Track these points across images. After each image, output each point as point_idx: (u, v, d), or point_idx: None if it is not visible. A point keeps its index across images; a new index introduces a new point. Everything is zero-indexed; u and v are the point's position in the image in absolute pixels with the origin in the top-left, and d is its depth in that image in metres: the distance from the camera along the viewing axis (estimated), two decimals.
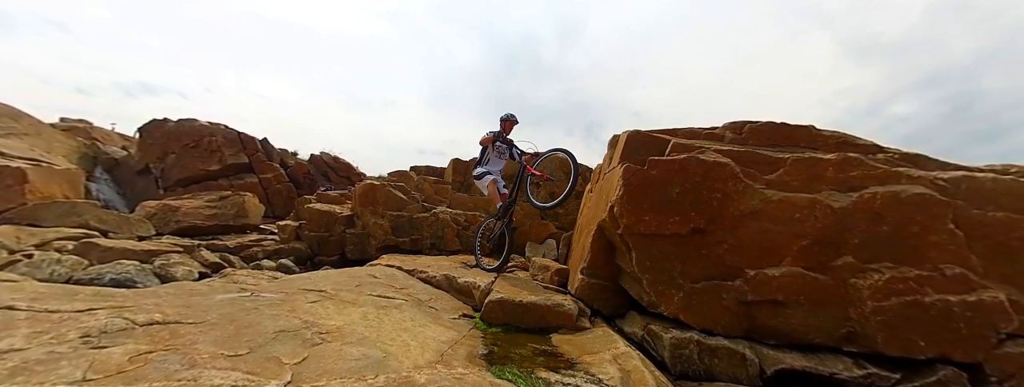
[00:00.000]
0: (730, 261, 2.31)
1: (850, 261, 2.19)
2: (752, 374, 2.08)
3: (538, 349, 2.22)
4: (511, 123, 4.36)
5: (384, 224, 5.51)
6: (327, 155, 13.27)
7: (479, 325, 2.61)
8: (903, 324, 2.02)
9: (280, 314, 2.20)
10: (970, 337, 1.89)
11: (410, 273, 3.67)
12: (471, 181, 6.37)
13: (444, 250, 5.23)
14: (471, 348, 2.20)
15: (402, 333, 2.21)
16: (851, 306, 2.13)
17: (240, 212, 7.48)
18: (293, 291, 2.70)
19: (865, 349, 2.08)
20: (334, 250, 5.77)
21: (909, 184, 2.23)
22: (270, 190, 11.12)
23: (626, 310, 2.66)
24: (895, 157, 2.42)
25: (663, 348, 2.23)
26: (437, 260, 4.33)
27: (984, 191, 2.11)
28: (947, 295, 2.00)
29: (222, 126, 11.45)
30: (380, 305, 2.65)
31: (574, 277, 2.95)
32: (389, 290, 3.05)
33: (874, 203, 2.21)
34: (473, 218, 5.44)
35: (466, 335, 2.40)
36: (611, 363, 2.02)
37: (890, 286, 2.09)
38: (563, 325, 2.45)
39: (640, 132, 2.75)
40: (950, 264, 2.04)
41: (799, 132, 2.65)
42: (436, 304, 2.92)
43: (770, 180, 2.40)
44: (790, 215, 2.30)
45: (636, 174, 2.47)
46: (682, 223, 2.36)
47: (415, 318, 2.51)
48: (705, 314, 2.26)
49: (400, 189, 5.92)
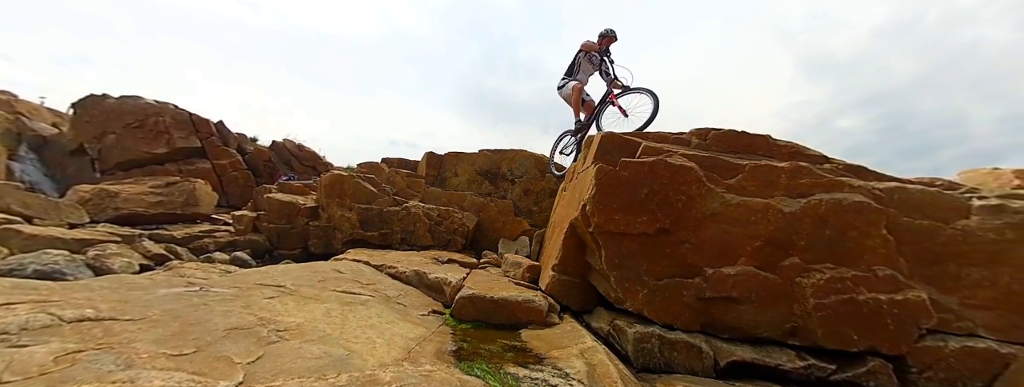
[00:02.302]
0: (691, 260, 2.40)
1: (796, 261, 2.33)
2: (707, 366, 2.18)
3: (508, 345, 2.21)
4: (609, 39, 4.02)
5: (351, 217, 5.28)
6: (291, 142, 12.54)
7: (449, 321, 2.56)
8: (840, 320, 2.18)
9: (233, 310, 2.05)
10: (896, 332, 2.08)
11: (378, 268, 3.54)
12: (444, 174, 6.25)
13: (415, 245, 5.09)
14: (440, 345, 2.15)
15: (368, 330, 2.12)
16: (796, 303, 2.28)
17: (190, 200, 6.91)
18: (248, 286, 2.52)
19: (806, 342, 2.23)
20: (296, 243, 5.47)
21: (850, 193, 2.41)
22: (225, 177, 10.36)
23: (594, 306, 2.71)
24: (839, 167, 2.61)
25: (627, 342, 2.28)
26: (408, 255, 4.21)
27: (913, 201, 2.32)
28: (878, 294, 2.18)
29: (171, 105, 10.50)
30: (345, 301, 2.53)
31: (545, 274, 2.96)
32: (355, 286, 2.92)
33: (819, 209, 2.36)
34: (446, 213, 5.33)
35: (435, 332, 2.34)
36: (578, 357, 2.04)
37: (830, 285, 2.24)
38: (533, 321, 2.46)
39: (613, 134, 2.80)
40: (882, 266, 2.22)
41: (757, 141, 2.79)
42: (405, 300, 2.83)
43: (730, 185, 2.51)
44: (746, 218, 2.41)
45: (608, 175, 2.50)
46: (649, 223, 2.43)
47: (382, 315, 2.42)
48: (667, 310, 2.34)
49: (370, 181, 5.70)
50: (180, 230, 5.86)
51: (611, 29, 4.04)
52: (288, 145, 12.46)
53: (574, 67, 4.10)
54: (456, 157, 6.25)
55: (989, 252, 2.13)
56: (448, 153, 6.40)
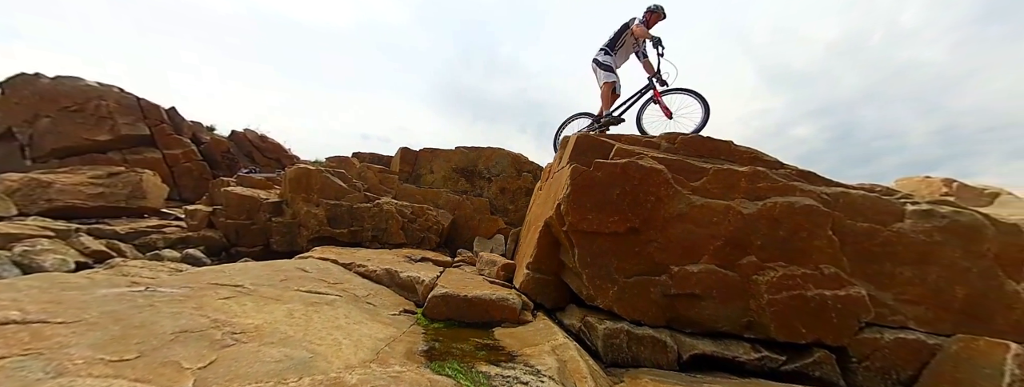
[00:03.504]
0: (658, 258, 2.47)
1: (753, 260, 2.45)
2: (671, 360, 2.25)
3: (480, 343, 2.18)
4: (657, 16, 3.53)
5: (319, 213, 5.04)
6: (253, 133, 11.79)
7: (421, 321, 2.49)
8: (790, 314, 2.32)
9: (183, 312, 1.89)
10: (839, 325, 2.23)
11: (347, 267, 3.39)
12: (419, 171, 6.10)
13: (387, 243, 4.93)
14: (411, 344, 2.09)
15: (334, 331, 2.02)
16: (751, 298, 2.39)
17: (136, 192, 6.35)
18: (201, 286, 2.34)
19: (760, 335, 2.35)
20: (256, 240, 5.15)
21: (801, 196, 2.56)
22: (177, 168, 9.60)
23: (567, 303, 2.72)
24: (792, 173, 2.77)
25: (597, 338, 2.31)
26: (379, 253, 4.07)
27: (855, 205, 2.50)
28: (824, 290, 2.33)
29: (115, 88, 9.57)
30: (309, 302, 2.41)
31: (520, 272, 2.95)
32: (321, 285, 2.79)
33: (774, 211, 2.49)
34: (420, 210, 5.20)
35: (406, 331, 2.27)
36: (550, 354, 2.04)
37: (782, 282, 2.37)
38: (507, 319, 2.44)
39: (588, 135, 2.83)
40: (828, 264, 2.38)
41: (721, 146, 2.91)
42: (375, 300, 2.73)
43: (695, 187, 2.61)
44: (709, 219, 2.51)
45: (583, 175, 2.53)
46: (621, 222, 2.47)
47: (350, 315, 2.32)
48: (635, 306, 2.39)
49: (339, 176, 5.46)
50: (124, 225, 5.36)
51: (660, 4, 3.50)
52: (249, 136, 11.71)
53: (617, 41, 3.60)
54: (431, 153, 6.12)
55: (919, 252, 2.33)
56: (423, 149, 6.26)
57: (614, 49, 3.65)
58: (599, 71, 3.68)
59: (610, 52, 3.65)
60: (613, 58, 3.65)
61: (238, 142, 11.50)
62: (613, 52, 3.63)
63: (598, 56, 3.75)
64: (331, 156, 6.74)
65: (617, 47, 3.65)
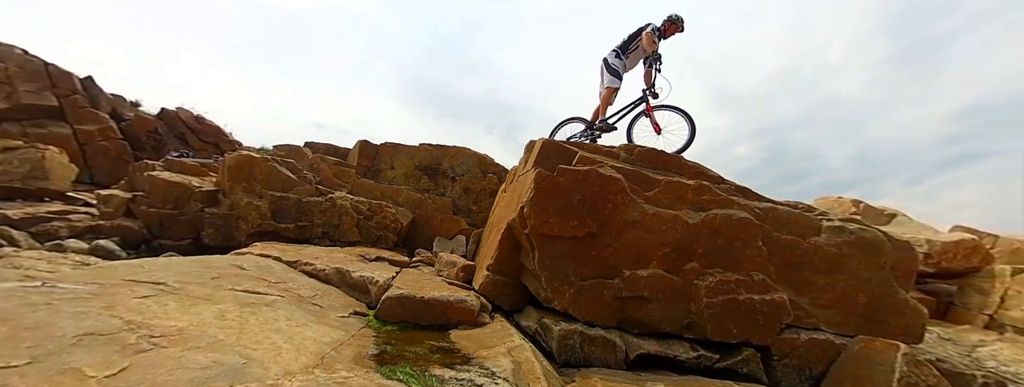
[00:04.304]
0: (612, 262, 2.55)
1: (695, 266, 2.61)
2: (619, 359, 2.33)
3: (435, 346, 2.10)
4: (675, 27, 3.39)
5: (262, 205, 4.60)
6: (187, 112, 10.56)
7: (372, 323, 2.35)
8: (724, 316, 2.49)
9: (89, 312, 1.63)
10: (764, 327, 2.44)
11: (291, 265, 3.12)
12: (379, 166, 5.81)
13: (339, 241, 4.60)
14: (360, 348, 1.96)
15: (273, 334, 1.85)
16: (692, 301, 2.54)
17: (36, 171, 5.41)
18: (114, 282, 2.04)
19: (698, 336, 2.50)
20: (185, 233, 4.59)
21: (738, 209, 2.77)
22: (91, 147, 8.35)
23: (524, 305, 2.72)
24: (732, 188, 3.00)
25: (552, 339, 2.33)
26: (329, 251, 3.79)
27: (782, 219, 2.76)
28: (753, 295, 2.54)
29: (18, 49, 8.14)
30: (246, 302, 2.18)
31: (480, 273, 2.90)
32: (260, 284, 2.54)
33: (715, 222, 2.68)
34: (378, 207, 4.93)
35: (356, 335, 2.13)
36: (505, 356, 2.02)
37: (719, 287, 2.55)
38: (464, 321, 2.38)
39: (554, 141, 2.86)
40: (757, 271, 2.60)
41: (672, 159, 3.09)
42: (322, 301, 2.53)
43: (648, 196, 2.73)
44: (659, 226, 2.64)
45: (546, 179, 2.54)
46: (580, 227, 2.52)
47: (292, 317, 2.14)
48: (589, 308, 2.44)
49: (288, 166, 5.04)
50: (17, 209, 4.54)
51: (681, 16, 3.37)
52: (183, 116, 10.48)
53: (630, 44, 3.47)
54: (393, 149, 5.86)
55: (831, 263, 2.63)
56: (385, 144, 5.97)
57: (626, 52, 3.57)
58: (605, 73, 3.58)
59: (621, 55, 3.56)
60: (623, 61, 3.56)
61: (169, 122, 10.24)
62: (624, 55, 3.55)
63: (609, 57, 3.62)
64: (280, 144, 6.22)
65: (629, 50, 3.57)
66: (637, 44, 3.56)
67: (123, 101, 9.92)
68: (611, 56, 3.63)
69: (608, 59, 3.64)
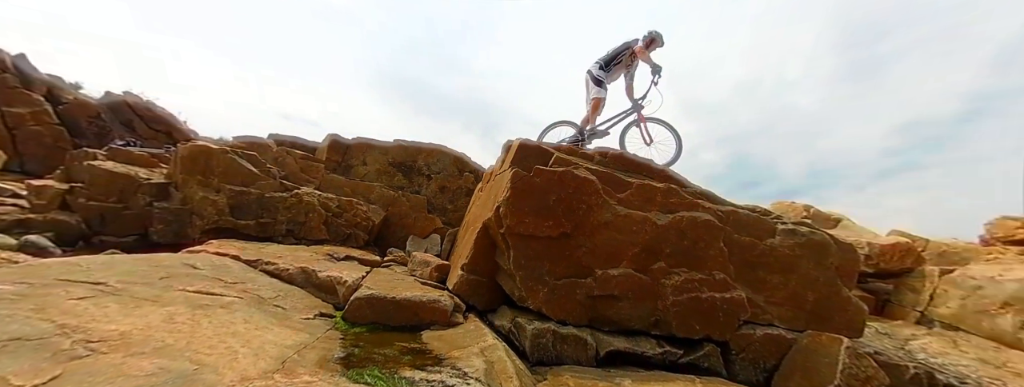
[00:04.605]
0: (585, 262, 2.59)
1: (662, 266, 2.70)
2: (590, 356, 2.37)
3: (406, 348, 2.04)
4: (656, 43, 3.58)
5: (219, 200, 4.29)
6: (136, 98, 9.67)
7: (339, 325, 2.25)
8: (688, 313, 2.60)
9: (15, 315, 1.46)
10: (724, 323, 2.57)
11: (251, 264, 2.93)
12: (350, 162, 5.57)
13: (305, 239, 4.36)
14: (325, 352, 1.87)
15: (229, 338, 1.73)
16: (659, 300, 2.63)
17: None
18: (46, 282, 1.84)
19: (664, 332, 2.59)
20: (129, 229, 4.20)
21: (703, 212, 2.89)
22: (21, 132, 7.48)
23: (499, 305, 2.70)
24: (697, 192, 3.12)
25: (525, 338, 2.33)
26: (293, 250, 3.59)
27: (741, 222, 2.91)
28: (714, 293, 2.66)
29: None
30: (199, 304, 2.03)
31: (454, 273, 2.84)
32: (216, 285, 2.37)
33: (681, 223, 2.78)
34: (348, 204, 4.72)
35: (321, 337, 2.03)
36: (478, 356, 2.00)
37: (684, 285, 2.65)
38: (437, 321, 2.32)
39: (531, 142, 2.86)
40: (719, 271, 2.72)
41: (643, 163, 3.18)
42: (285, 302, 2.40)
43: (621, 198, 2.79)
44: (630, 227, 2.70)
45: (523, 180, 2.54)
46: (554, 227, 2.53)
47: (251, 319, 2.01)
48: (562, 307, 2.47)
49: (251, 159, 4.72)
50: None
51: (660, 33, 3.57)
52: (131, 101, 9.59)
53: (614, 59, 3.64)
54: (366, 145, 5.63)
55: (784, 263, 2.80)
56: (357, 139, 5.72)
57: (609, 65, 3.73)
58: (591, 84, 3.72)
59: (605, 68, 3.72)
60: (606, 74, 3.73)
61: (114, 108, 9.34)
62: (607, 68, 3.72)
63: (593, 69, 3.79)
64: (241, 135, 5.81)
65: (612, 64, 3.74)
66: (621, 59, 3.74)
67: (61, 82, 8.92)
68: (595, 68, 3.79)
69: (592, 71, 3.80)
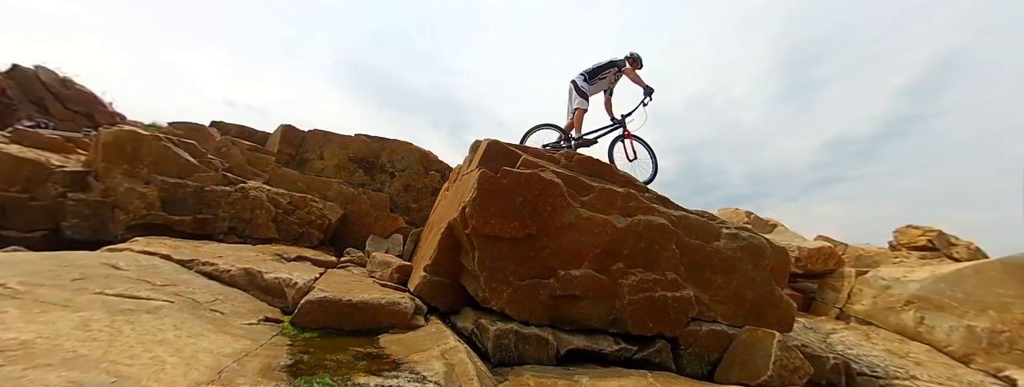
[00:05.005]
0: (549, 263, 2.61)
1: (621, 266, 2.79)
2: (551, 355, 2.39)
3: (362, 352, 1.94)
4: (637, 64, 3.79)
5: (148, 193, 3.82)
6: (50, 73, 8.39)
7: (288, 330, 2.09)
8: (643, 312, 2.71)
9: None
10: (674, 320, 2.71)
11: (185, 265, 2.64)
12: (305, 155, 5.20)
13: (251, 237, 3.99)
14: (270, 359, 1.73)
15: (155, 347, 1.55)
16: (617, 299, 2.71)
17: None
18: None
19: (621, 330, 2.68)
20: (37, 222, 3.63)
21: (657, 216, 3.03)
22: None
23: (462, 306, 2.64)
24: (653, 197, 3.27)
25: (487, 339, 2.30)
26: (237, 249, 3.28)
27: (691, 226, 3.09)
28: (667, 292, 2.80)
29: None
30: (120, 309, 1.80)
31: (417, 274, 2.75)
32: (141, 287, 2.11)
33: (639, 226, 2.90)
34: (302, 201, 4.39)
35: (265, 344, 1.87)
36: (438, 359, 1.95)
37: (639, 285, 2.76)
38: (396, 324, 2.23)
39: (499, 143, 2.84)
40: (671, 271, 2.87)
41: (605, 168, 3.27)
42: (224, 306, 2.18)
43: (584, 201, 2.85)
44: (592, 229, 2.77)
45: (490, 180, 2.51)
46: (520, 228, 2.53)
47: (183, 325, 1.81)
48: (525, 307, 2.47)
49: (188, 148, 4.26)
50: None
51: (640, 55, 3.82)
52: (44, 77, 8.30)
53: (598, 73, 3.83)
54: (324, 137, 5.27)
55: (728, 264, 3.02)
56: (314, 131, 5.34)
57: (592, 79, 3.87)
58: (575, 95, 3.85)
59: (588, 80, 3.86)
60: (589, 86, 3.87)
61: (23, 83, 8.03)
62: (590, 81, 3.85)
63: (577, 80, 3.92)
64: (178, 122, 5.24)
65: (595, 78, 3.88)
66: (606, 75, 3.93)
67: None
68: (579, 80, 3.95)
69: (577, 82, 3.95)
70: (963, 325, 3.32)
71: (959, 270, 3.57)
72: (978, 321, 3.26)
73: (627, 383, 2.12)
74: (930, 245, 4.84)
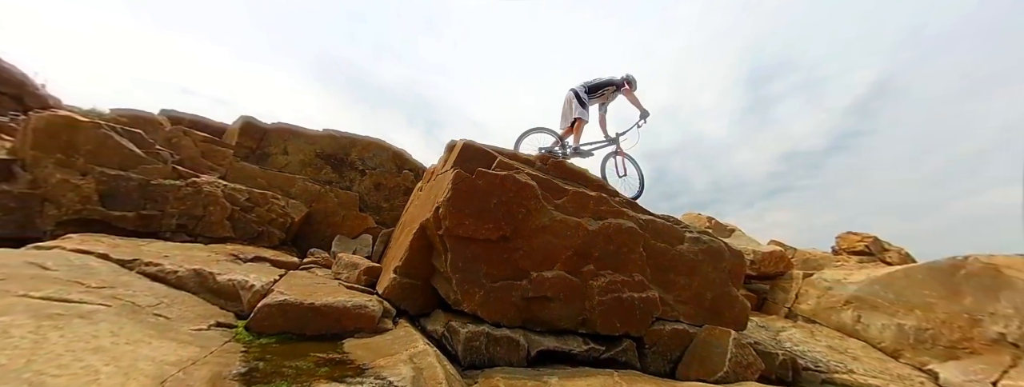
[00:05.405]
0: (522, 265, 2.61)
1: (591, 268, 2.83)
2: (522, 357, 2.38)
3: (324, 358, 1.83)
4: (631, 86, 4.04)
5: (85, 186, 3.45)
6: None
7: (242, 336, 1.94)
8: (611, 312, 2.76)
9: None
10: (640, 320, 2.78)
11: (125, 265, 2.40)
12: (267, 149, 4.88)
13: (203, 236, 3.68)
14: (220, 367, 1.60)
15: (88, 355, 1.40)
16: (586, 300, 2.75)
17: None
18: None
19: (590, 331, 2.72)
20: None
21: (627, 220, 3.11)
22: None
23: (433, 309, 2.57)
24: (623, 201, 3.36)
25: (458, 342, 2.25)
26: (186, 249, 3.01)
27: (658, 230, 3.20)
28: (633, 293, 2.87)
29: None
30: (47, 313, 1.61)
31: (386, 276, 2.64)
32: (73, 289, 1.90)
33: (609, 229, 2.96)
34: (262, 197, 4.10)
35: (216, 351, 1.73)
36: (406, 363, 1.88)
37: (608, 286, 2.81)
38: (362, 328, 2.13)
39: (474, 144, 2.80)
40: (638, 273, 2.95)
41: (579, 173, 3.33)
42: (169, 311, 1.99)
43: (558, 204, 2.88)
44: (565, 232, 2.80)
45: (465, 181, 2.47)
46: (494, 230, 2.51)
47: (121, 332, 1.64)
48: (497, 309, 2.44)
49: (133, 138, 3.89)
50: None
51: (635, 78, 4.10)
52: None
53: (598, 89, 4.04)
54: (289, 131, 4.96)
55: (690, 266, 3.14)
56: (278, 124, 5.02)
57: (590, 93, 4.10)
58: (575, 104, 4.05)
59: (588, 93, 4.10)
60: (588, 99, 4.09)
61: None
62: (589, 95, 4.09)
63: (578, 91, 4.12)
64: (123, 108, 4.77)
65: (594, 94, 4.11)
66: (604, 92, 4.18)
67: None
68: (582, 90, 4.15)
69: (578, 93, 4.15)
70: (894, 323, 3.65)
71: (891, 273, 3.91)
72: (907, 320, 3.58)
73: (594, 382, 2.14)
74: (867, 250, 5.30)
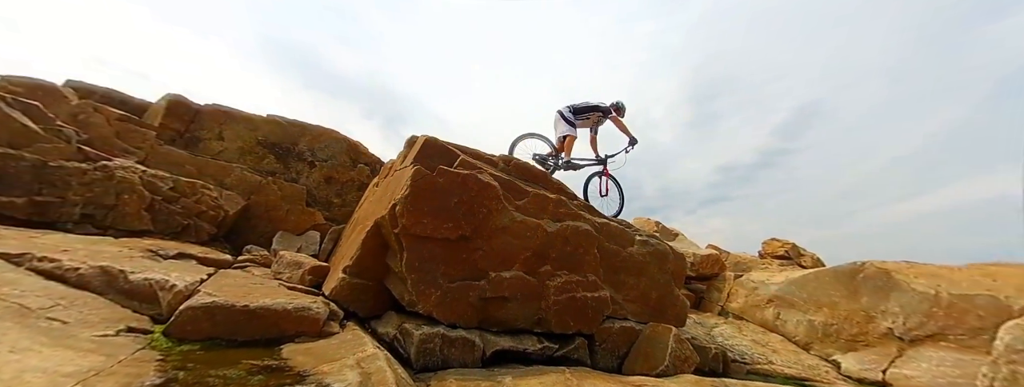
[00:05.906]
0: (481, 265, 2.57)
1: (548, 269, 2.87)
2: (477, 357, 2.34)
3: (258, 366, 1.66)
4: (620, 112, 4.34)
5: None
6: None
7: (159, 343, 1.71)
8: (566, 311, 2.81)
9: None
10: (592, 318, 2.87)
11: (12, 261, 2.01)
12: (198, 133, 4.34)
13: (113, 228, 3.18)
14: (130, 379, 1.39)
15: None
16: (543, 300, 2.78)
17: None
18: None
19: (545, 330, 2.75)
20: None
21: (583, 222, 3.19)
22: None
23: (385, 311, 2.44)
24: (581, 204, 3.45)
25: (411, 345, 2.16)
26: (92, 243, 2.58)
27: (611, 233, 3.32)
28: (587, 293, 2.95)
29: None
30: None
31: (334, 276, 2.46)
32: None
33: (567, 231, 3.02)
34: (191, 187, 3.62)
35: (126, 360, 1.50)
36: (353, 368, 1.76)
37: (564, 286, 2.87)
38: (304, 332, 1.96)
39: (437, 141, 2.71)
40: (591, 274, 3.04)
41: (540, 174, 3.36)
42: (67, 314, 1.70)
43: (518, 205, 2.88)
44: (524, 233, 2.81)
45: (425, 178, 2.39)
46: (454, 230, 2.44)
47: (3, 338, 1.38)
48: (454, 310, 2.38)
49: (28, 110, 3.28)
50: None
51: (624, 105, 4.39)
52: None
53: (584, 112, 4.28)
54: (225, 114, 4.45)
55: (638, 267, 3.30)
56: (212, 106, 4.48)
57: (576, 115, 4.38)
58: (562, 123, 4.38)
59: (574, 114, 4.39)
60: (575, 120, 4.38)
61: None
62: (576, 117, 4.37)
63: (565, 112, 4.44)
64: (16, 76, 4.01)
65: (580, 116, 4.39)
66: (589, 116, 4.49)
67: None
68: (566, 111, 4.47)
69: (564, 113, 4.47)
70: (806, 319, 4.12)
71: (804, 275, 4.42)
72: (816, 316, 4.07)
73: (547, 380, 2.16)
74: (787, 255, 5.95)
